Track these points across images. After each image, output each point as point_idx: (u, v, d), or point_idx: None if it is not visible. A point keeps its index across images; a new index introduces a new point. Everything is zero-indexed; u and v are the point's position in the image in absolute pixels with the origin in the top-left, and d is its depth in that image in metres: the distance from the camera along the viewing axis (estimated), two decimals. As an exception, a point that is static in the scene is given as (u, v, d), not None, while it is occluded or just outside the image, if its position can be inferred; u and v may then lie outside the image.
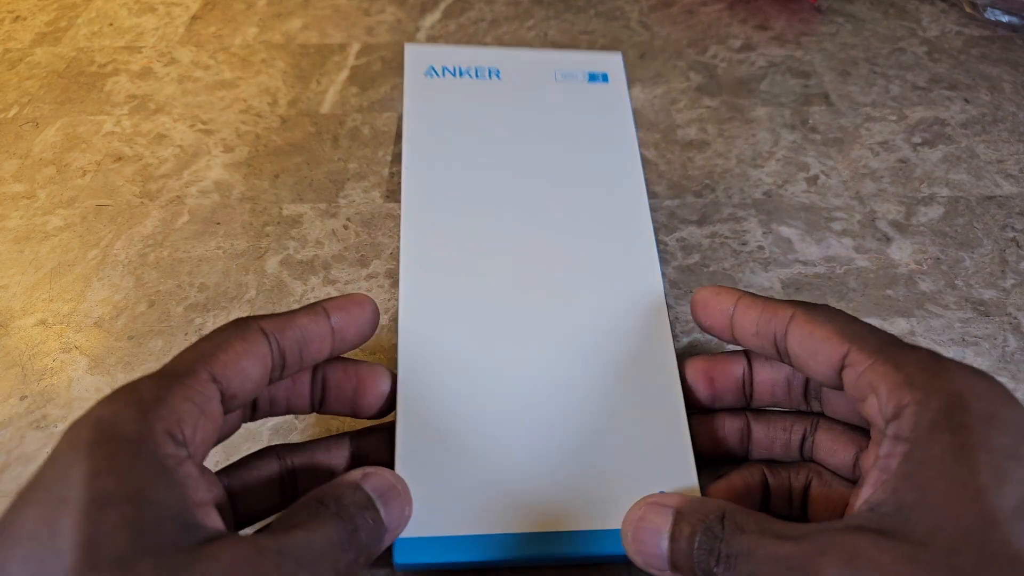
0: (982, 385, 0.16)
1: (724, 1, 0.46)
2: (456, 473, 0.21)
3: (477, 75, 0.29)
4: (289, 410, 0.22)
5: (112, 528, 0.13)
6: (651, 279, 0.26)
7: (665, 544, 0.18)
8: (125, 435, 0.15)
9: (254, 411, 0.21)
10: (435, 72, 0.29)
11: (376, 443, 0.23)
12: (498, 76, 0.29)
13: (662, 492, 0.20)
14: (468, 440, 0.22)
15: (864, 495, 0.17)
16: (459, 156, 0.27)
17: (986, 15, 0.44)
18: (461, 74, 0.29)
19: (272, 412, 0.22)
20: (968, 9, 0.45)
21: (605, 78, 0.30)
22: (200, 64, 0.42)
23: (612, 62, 0.31)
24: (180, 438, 0.16)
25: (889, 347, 0.18)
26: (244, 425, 0.22)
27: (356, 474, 0.19)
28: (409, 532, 0.20)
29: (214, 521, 0.15)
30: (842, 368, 0.19)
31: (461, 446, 0.22)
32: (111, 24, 0.46)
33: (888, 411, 0.17)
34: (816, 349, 0.19)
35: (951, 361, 0.17)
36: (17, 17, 0.46)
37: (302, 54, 0.43)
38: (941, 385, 0.16)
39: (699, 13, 0.46)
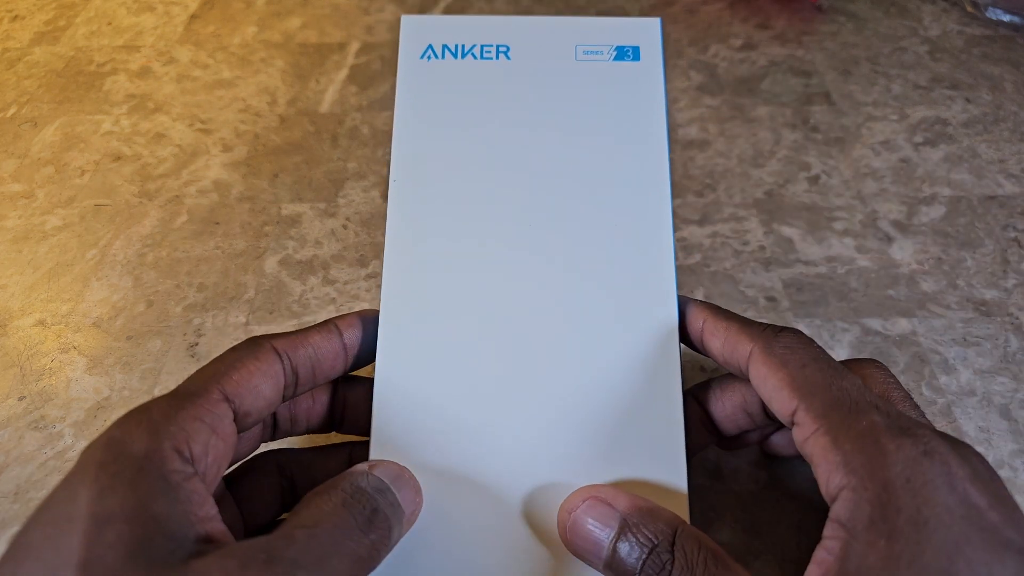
0: (919, 475, 0.16)
1: (725, 0, 0.46)
2: (441, 527, 0.20)
3: (483, 54, 0.25)
4: (308, 429, 0.22)
5: (110, 545, 0.14)
6: (666, 313, 0.22)
7: (606, 550, 0.18)
8: (132, 453, 0.15)
9: (275, 430, 0.22)
10: (434, 53, 0.25)
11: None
12: (507, 55, 0.25)
13: (604, 484, 0.19)
14: (454, 487, 0.21)
15: (810, 573, 0.17)
16: (456, 160, 0.24)
17: (987, 14, 0.44)
18: (464, 54, 0.25)
19: (292, 431, 0.22)
20: (969, 8, 0.44)
21: (636, 54, 0.25)
22: (199, 63, 0.42)
23: (646, 32, 0.25)
24: (187, 455, 0.16)
25: (834, 411, 0.17)
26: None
27: (363, 466, 0.19)
28: None
29: (221, 535, 0.16)
30: (793, 424, 0.18)
31: (446, 495, 0.21)
32: (110, 23, 0.45)
33: (826, 489, 0.17)
34: (771, 396, 0.19)
35: (894, 438, 0.16)
36: (16, 16, 0.46)
37: (301, 53, 0.43)
38: (877, 473, 0.16)
39: (700, 12, 0.46)
